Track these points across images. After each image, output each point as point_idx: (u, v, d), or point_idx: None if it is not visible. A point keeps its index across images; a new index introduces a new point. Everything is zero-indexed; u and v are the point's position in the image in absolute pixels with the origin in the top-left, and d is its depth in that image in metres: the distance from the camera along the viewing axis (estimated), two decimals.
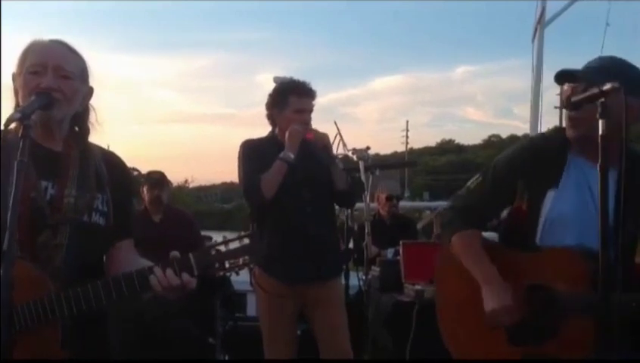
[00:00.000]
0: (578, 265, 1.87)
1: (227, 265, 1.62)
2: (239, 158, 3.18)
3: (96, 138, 1.83)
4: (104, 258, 1.80)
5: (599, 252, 1.56)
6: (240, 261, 1.63)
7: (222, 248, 1.63)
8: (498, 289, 1.94)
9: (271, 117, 3.24)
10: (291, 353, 3.12)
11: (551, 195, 1.94)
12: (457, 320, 2.10)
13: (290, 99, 3.13)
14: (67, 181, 1.68)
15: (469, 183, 2.16)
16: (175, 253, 1.62)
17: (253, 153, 3.14)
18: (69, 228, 1.65)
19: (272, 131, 3.27)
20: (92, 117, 1.81)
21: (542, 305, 1.89)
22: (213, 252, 1.62)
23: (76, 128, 1.79)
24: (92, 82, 1.80)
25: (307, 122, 3.16)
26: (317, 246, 3.09)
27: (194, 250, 1.62)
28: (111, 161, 1.84)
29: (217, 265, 1.62)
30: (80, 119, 1.79)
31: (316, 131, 3.17)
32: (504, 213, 2.15)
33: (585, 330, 1.78)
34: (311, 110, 3.20)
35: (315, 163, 3.16)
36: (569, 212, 1.93)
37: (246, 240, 1.64)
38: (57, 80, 1.65)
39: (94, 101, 1.82)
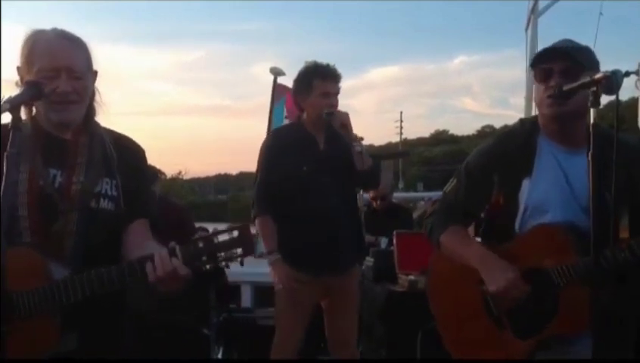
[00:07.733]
0: (559, 237, 1.87)
1: (217, 258, 1.57)
2: (260, 154, 3.12)
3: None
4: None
5: (590, 230, 1.59)
6: (230, 254, 1.57)
7: (214, 240, 1.57)
8: (499, 265, 1.90)
9: (297, 103, 3.17)
10: (297, 346, 3.08)
11: (526, 183, 1.94)
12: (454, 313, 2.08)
13: (314, 83, 3.03)
14: (75, 169, 1.69)
15: (445, 188, 2.17)
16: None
17: (274, 158, 3.07)
18: (78, 215, 1.65)
19: (299, 118, 3.21)
20: (97, 98, 1.80)
21: (542, 286, 1.86)
22: (201, 245, 1.57)
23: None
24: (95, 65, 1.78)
25: (334, 106, 3.05)
26: (342, 235, 3.01)
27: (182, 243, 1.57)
28: (122, 145, 1.82)
29: (204, 258, 1.57)
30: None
31: (337, 111, 3.06)
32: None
33: (582, 303, 1.71)
34: (337, 93, 3.09)
35: (339, 148, 3.07)
36: (546, 197, 1.92)
37: (236, 233, 1.58)
38: (70, 83, 1.65)
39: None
